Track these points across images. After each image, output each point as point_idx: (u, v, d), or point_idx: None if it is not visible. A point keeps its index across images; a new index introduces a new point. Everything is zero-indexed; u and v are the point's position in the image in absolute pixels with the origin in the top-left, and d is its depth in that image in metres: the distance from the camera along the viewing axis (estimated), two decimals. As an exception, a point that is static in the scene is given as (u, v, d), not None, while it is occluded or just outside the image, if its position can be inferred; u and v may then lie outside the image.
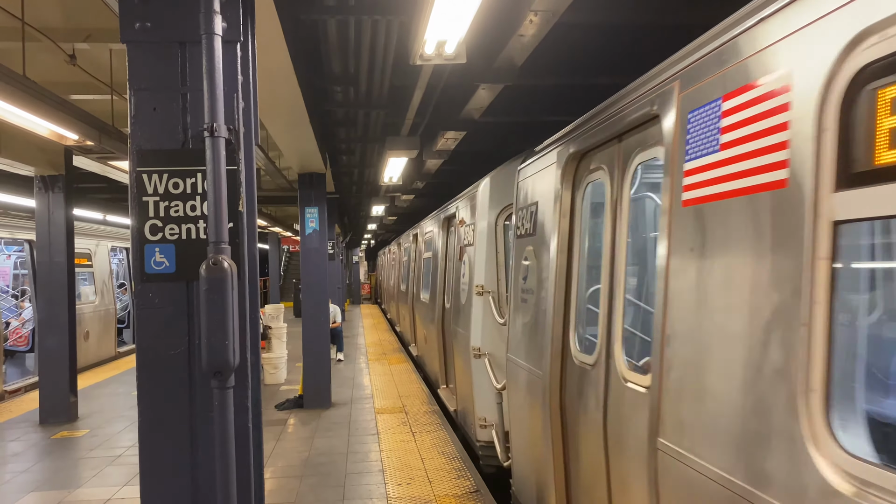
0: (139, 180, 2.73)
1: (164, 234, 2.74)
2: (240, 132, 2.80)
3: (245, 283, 2.79)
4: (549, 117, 7.88)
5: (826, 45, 1.97)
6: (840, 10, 1.91)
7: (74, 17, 6.37)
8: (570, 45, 5.98)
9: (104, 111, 7.88)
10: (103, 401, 10.64)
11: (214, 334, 2.59)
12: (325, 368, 10.21)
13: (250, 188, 2.89)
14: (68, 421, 9.19)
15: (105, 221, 17.55)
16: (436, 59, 4.43)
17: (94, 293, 14.53)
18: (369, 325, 23.88)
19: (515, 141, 9.31)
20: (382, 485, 6.44)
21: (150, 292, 2.75)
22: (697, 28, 3.42)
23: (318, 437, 8.28)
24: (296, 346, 13.00)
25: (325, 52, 5.97)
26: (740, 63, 2.40)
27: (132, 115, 2.74)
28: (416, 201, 17.09)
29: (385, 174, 10.46)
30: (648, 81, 3.24)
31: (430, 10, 3.72)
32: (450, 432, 8.34)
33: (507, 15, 4.65)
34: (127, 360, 15.03)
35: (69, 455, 7.71)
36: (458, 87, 6.66)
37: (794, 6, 2.14)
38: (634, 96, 3.36)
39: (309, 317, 10.21)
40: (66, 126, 6.45)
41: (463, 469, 6.85)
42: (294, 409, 9.98)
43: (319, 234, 10.26)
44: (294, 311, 24.56)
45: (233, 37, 2.79)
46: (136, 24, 2.73)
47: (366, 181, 14.12)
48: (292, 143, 8.18)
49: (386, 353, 16.08)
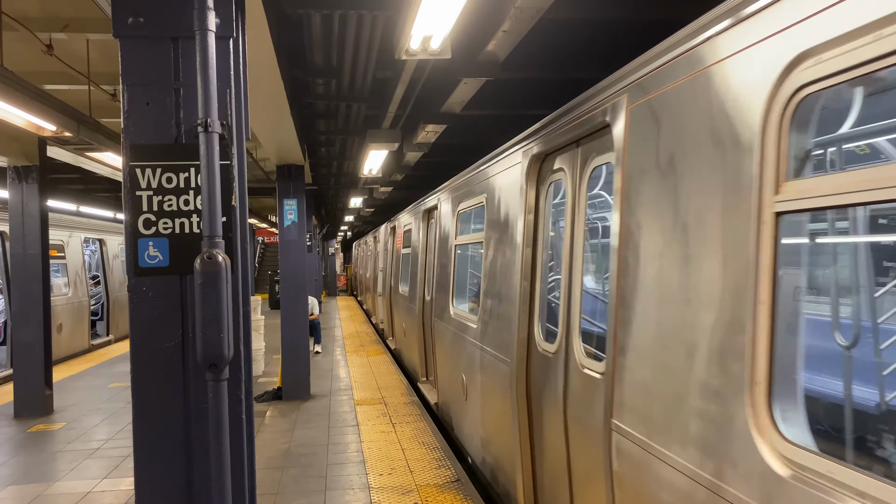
0: (133, 175, 2.75)
1: (158, 229, 2.76)
2: (233, 127, 2.83)
3: (238, 277, 2.83)
4: (531, 111, 7.94)
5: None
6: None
7: (52, 7, 6.28)
8: (552, 39, 6.05)
9: (80, 101, 7.78)
10: (79, 394, 10.54)
11: (209, 327, 2.62)
12: (304, 360, 10.21)
13: (242, 183, 2.92)
14: (44, 414, 9.10)
15: (78, 212, 17.31)
16: (421, 54, 4.47)
17: (66, 285, 14.34)
18: (346, 316, 23.86)
19: (496, 134, 9.37)
20: (364, 475, 6.50)
21: (143, 286, 2.76)
22: (675, 23, 3.51)
23: (298, 429, 8.31)
24: (272, 339, 12.97)
25: (308, 45, 5.96)
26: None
27: (125, 110, 2.75)
28: (394, 193, 17.09)
29: (365, 166, 10.46)
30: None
31: (418, 6, 3.76)
32: (430, 423, 8.41)
33: (491, 11, 4.70)
34: (101, 353, 14.87)
35: (46, 448, 7.65)
36: (440, 81, 6.70)
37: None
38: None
39: (287, 309, 10.20)
40: (44, 117, 6.38)
41: (444, 459, 6.93)
42: (273, 400, 9.98)
43: (298, 227, 10.24)
44: (269, 304, 24.46)
45: (226, 32, 2.81)
46: (129, 18, 2.73)
47: (344, 173, 14.10)
48: (272, 134, 8.16)
49: (364, 344, 16.11)
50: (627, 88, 3.14)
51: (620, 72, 3.28)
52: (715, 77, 2.41)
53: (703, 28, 2.53)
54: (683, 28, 2.70)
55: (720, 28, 2.41)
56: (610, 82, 3.40)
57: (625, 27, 5.99)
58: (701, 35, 2.53)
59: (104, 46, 7.13)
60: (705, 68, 2.47)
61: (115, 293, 16.83)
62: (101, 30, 6.39)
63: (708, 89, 2.46)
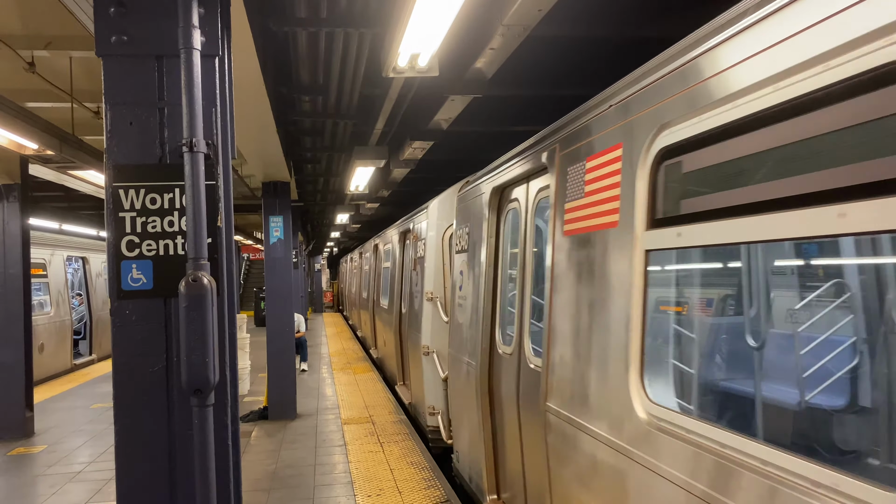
0: (115, 196, 2.69)
1: (142, 250, 2.70)
2: (218, 147, 2.78)
3: (224, 300, 2.77)
4: (517, 127, 7.96)
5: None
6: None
7: (34, 24, 6.21)
8: (539, 56, 6.06)
9: (63, 119, 7.69)
10: (60, 415, 10.34)
11: (194, 352, 2.56)
12: (290, 379, 10.09)
13: (228, 203, 2.87)
14: (24, 437, 8.91)
15: (61, 230, 17.11)
16: (409, 71, 4.45)
17: (49, 304, 14.14)
18: (332, 333, 23.70)
19: (483, 150, 9.37)
20: (352, 496, 6.40)
21: (126, 309, 2.70)
22: (663, 41, 3.56)
23: (285, 449, 8.19)
24: (258, 357, 12.83)
25: (295, 63, 5.94)
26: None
27: (108, 130, 2.70)
28: (380, 209, 17.04)
29: (352, 183, 10.42)
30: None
31: (406, 24, 3.74)
32: (418, 442, 8.33)
33: (479, 28, 4.70)
34: (83, 373, 14.65)
35: (27, 472, 7.48)
36: (427, 98, 6.68)
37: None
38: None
39: (273, 327, 10.09)
40: (26, 135, 6.29)
41: (433, 479, 6.85)
42: (258, 420, 9.85)
43: (284, 244, 10.16)
44: (255, 321, 24.26)
45: (211, 51, 2.77)
46: (113, 37, 2.68)
47: (330, 189, 14.04)
48: (258, 151, 8.11)
49: (350, 362, 15.99)
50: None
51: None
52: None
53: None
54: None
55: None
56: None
57: (611, 45, 6.02)
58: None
59: (87, 64, 7.05)
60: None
61: (98, 312, 16.62)
62: (85, 47, 6.32)
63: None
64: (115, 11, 2.70)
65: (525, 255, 4.74)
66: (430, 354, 8.40)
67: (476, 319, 5.64)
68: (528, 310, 4.69)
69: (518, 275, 4.84)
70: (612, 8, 5.37)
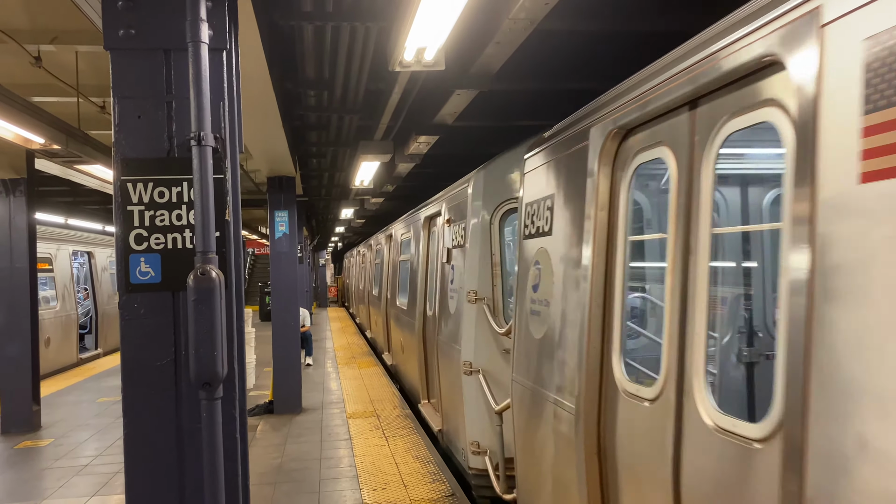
0: (124, 189, 2.69)
1: (150, 244, 2.70)
2: (226, 140, 2.78)
3: (232, 293, 2.77)
4: (523, 121, 7.93)
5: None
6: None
7: (40, 19, 6.21)
8: (545, 50, 6.04)
9: (69, 113, 7.70)
10: (67, 409, 10.39)
11: (203, 345, 2.57)
12: (296, 373, 10.13)
13: (236, 197, 2.87)
14: (31, 430, 8.96)
15: (67, 225, 17.16)
16: (415, 65, 4.44)
17: (54, 298, 14.18)
18: (337, 328, 23.74)
19: (488, 145, 9.35)
20: (357, 490, 6.42)
21: (135, 302, 2.70)
22: (671, 35, 3.53)
23: (290, 443, 8.22)
24: (263, 351, 12.86)
25: (301, 57, 5.93)
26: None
27: (116, 124, 2.70)
28: (385, 204, 17.04)
29: (357, 178, 10.42)
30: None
31: (413, 18, 3.73)
32: (423, 436, 8.34)
33: (485, 22, 4.68)
34: (90, 367, 14.70)
35: (34, 465, 7.52)
36: (433, 92, 6.67)
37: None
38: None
39: (279, 321, 10.12)
40: (32, 129, 6.30)
41: (438, 473, 6.86)
42: (264, 414, 9.88)
43: (289, 238, 10.18)
44: (260, 315, 24.30)
45: (219, 45, 2.77)
46: (121, 31, 2.68)
47: (336, 184, 14.04)
48: (263, 146, 8.10)
49: (355, 356, 16.01)
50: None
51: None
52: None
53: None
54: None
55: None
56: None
57: (618, 38, 5.99)
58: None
59: (93, 58, 7.06)
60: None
61: (104, 306, 16.67)
62: (91, 42, 6.32)
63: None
64: (123, 5, 2.70)
65: (696, 235, 2.70)
66: (473, 374, 6.44)
67: (573, 336, 3.67)
68: (700, 328, 2.67)
69: (670, 269, 2.86)
70: (619, 1, 5.35)
